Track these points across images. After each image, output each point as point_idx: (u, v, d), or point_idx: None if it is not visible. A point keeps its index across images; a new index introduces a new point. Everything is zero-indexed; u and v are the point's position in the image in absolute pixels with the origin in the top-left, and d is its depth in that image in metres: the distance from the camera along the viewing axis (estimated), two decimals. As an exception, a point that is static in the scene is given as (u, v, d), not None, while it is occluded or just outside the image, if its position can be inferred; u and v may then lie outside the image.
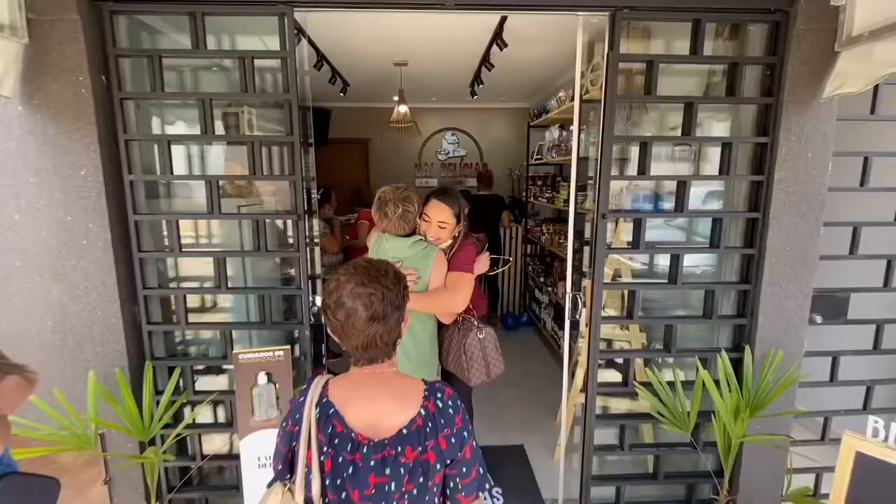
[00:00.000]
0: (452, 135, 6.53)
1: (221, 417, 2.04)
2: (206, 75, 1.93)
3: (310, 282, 1.83)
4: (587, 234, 2.11)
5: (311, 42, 3.36)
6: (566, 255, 3.66)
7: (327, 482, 0.90)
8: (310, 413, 0.92)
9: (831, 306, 1.97)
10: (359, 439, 0.90)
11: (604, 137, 1.79)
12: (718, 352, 1.85)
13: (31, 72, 1.59)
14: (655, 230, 2.11)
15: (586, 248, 2.10)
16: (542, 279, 4.44)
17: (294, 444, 0.93)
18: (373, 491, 0.88)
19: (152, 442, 1.83)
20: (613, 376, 2.12)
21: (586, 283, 2.38)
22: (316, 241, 1.85)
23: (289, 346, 1.76)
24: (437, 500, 0.96)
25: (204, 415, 2.09)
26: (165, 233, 1.85)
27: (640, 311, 1.90)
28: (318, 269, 1.93)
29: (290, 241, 1.85)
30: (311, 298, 1.87)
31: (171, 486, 1.94)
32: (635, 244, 1.89)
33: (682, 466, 2.15)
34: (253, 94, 1.70)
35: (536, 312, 4.73)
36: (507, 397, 3.37)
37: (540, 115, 4.53)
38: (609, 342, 2.38)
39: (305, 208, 1.79)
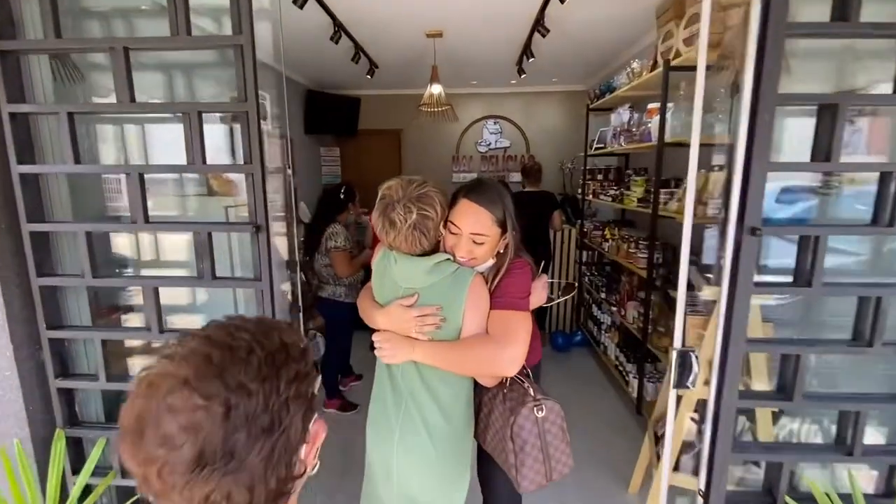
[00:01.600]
0: (495, 123, 5.80)
1: None
2: (143, 23, 1.35)
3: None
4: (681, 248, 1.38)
5: (324, 6, 2.77)
6: (641, 269, 2.89)
7: None
8: None
9: None
10: None
11: (758, 96, 1.05)
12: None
13: None
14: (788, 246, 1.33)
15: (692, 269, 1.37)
16: (602, 294, 3.66)
17: None
18: None
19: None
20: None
21: (692, 323, 1.64)
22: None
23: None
24: None
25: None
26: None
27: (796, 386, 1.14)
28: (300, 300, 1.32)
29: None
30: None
31: None
32: (802, 278, 1.13)
33: None
34: (187, 38, 1.09)
35: (594, 333, 3.95)
36: (560, 450, 2.63)
37: (602, 95, 3.73)
38: (701, 406, 1.64)
39: (283, 215, 1.18)
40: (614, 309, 3.35)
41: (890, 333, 1.12)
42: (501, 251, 1.20)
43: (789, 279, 1.19)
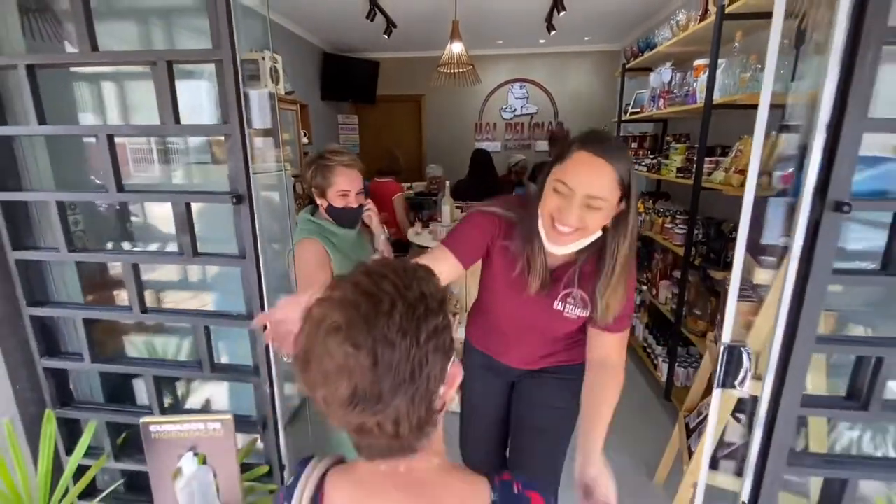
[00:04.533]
0: (521, 87, 5.45)
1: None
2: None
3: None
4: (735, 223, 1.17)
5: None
6: (678, 245, 2.63)
7: None
8: None
9: None
10: None
11: (860, 32, 0.80)
12: None
13: None
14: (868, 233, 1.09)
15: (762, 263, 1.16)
16: (631, 272, 3.43)
17: None
18: None
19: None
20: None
21: (743, 310, 1.44)
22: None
23: (229, 416, 1.05)
24: None
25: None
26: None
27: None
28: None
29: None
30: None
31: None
32: (892, 265, 0.91)
33: None
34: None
35: (620, 312, 3.74)
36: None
37: (641, 52, 3.37)
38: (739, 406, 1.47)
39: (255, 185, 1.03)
40: (644, 288, 3.12)
41: None
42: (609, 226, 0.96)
43: (866, 265, 0.98)
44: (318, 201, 1.45)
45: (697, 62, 2.47)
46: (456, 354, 0.57)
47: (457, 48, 3.22)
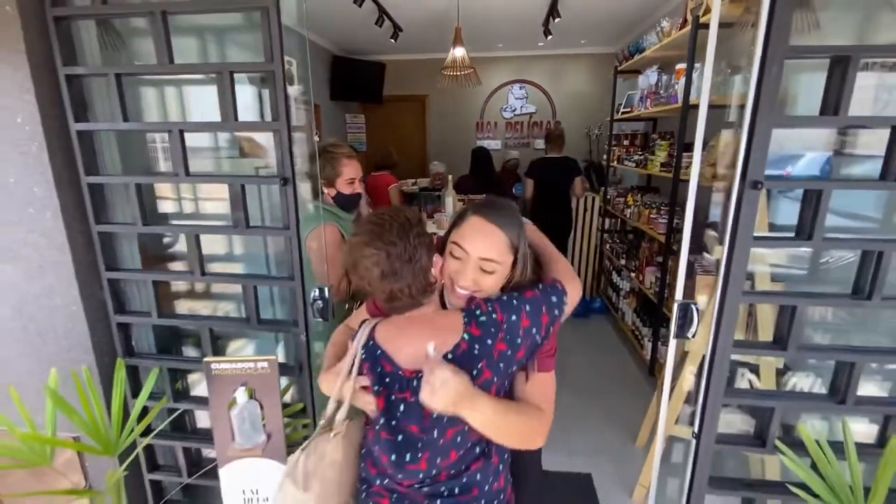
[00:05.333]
0: (520, 88, 5.70)
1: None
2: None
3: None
4: (706, 213, 1.41)
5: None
6: (661, 234, 2.89)
7: (382, 421, 0.92)
8: (355, 351, 0.96)
9: None
10: (407, 375, 0.92)
11: (767, 49, 1.05)
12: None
13: (-56, -18, 1.20)
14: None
15: (709, 234, 1.40)
16: (622, 261, 3.68)
17: None
18: (428, 422, 0.90)
19: (133, 451, 1.52)
20: (732, 420, 1.46)
21: (702, 282, 1.68)
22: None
23: (275, 357, 1.30)
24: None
25: (205, 420, 1.76)
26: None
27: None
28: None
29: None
30: (316, 290, 1.40)
31: (163, 499, 1.64)
32: (804, 232, 1.16)
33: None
34: (217, 1, 1.17)
35: (613, 300, 3.98)
36: (572, 406, 2.75)
37: (631, 56, 3.62)
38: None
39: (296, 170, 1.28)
40: (633, 275, 3.37)
41: (889, 289, 1.15)
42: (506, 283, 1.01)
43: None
44: (326, 190, 1.71)
45: (679, 66, 2.71)
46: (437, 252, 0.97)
47: (459, 52, 3.47)
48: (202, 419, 1.75)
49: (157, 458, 1.68)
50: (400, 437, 0.91)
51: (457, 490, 0.91)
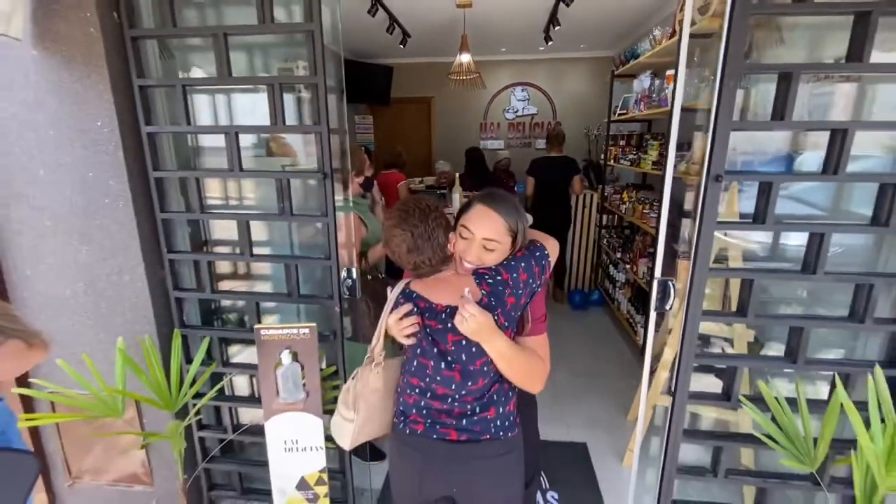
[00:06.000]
0: (522, 90, 5.93)
1: (258, 390, 1.92)
2: (231, 12, 1.67)
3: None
4: (687, 205, 1.64)
5: (363, -18, 3.02)
6: (653, 227, 3.13)
7: (418, 341, 1.17)
8: (392, 298, 1.21)
9: None
10: (438, 308, 1.16)
11: (725, 66, 1.28)
12: (870, 366, 1.33)
13: (40, 10, 1.44)
14: (782, 202, 1.57)
15: (685, 222, 1.63)
16: (618, 254, 3.90)
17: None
18: (451, 347, 1.13)
19: (186, 411, 1.76)
20: (709, 383, 1.68)
21: (681, 265, 1.91)
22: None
23: (314, 324, 1.54)
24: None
25: (241, 386, 2.00)
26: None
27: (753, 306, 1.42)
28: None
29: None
30: (345, 270, 1.63)
31: (209, 455, 1.87)
32: (759, 218, 1.39)
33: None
34: (272, 25, 1.41)
35: (609, 291, 4.21)
36: (570, 386, 2.99)
37: (627, 61, 3.84)
38: (701, 338, 1.91)
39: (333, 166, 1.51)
40: (628, 267, 3.60)
41: (831, 266, 1.38)
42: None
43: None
44: (356, 179, 2.05)
45: (669, 72, 2.94)
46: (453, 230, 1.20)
47: (465, 58, 3.70)
48: (240, 387, 1.99)
49: (203, 419, 1.92)
50: (435, 350, 1.14)
51: (478, 409, 1.14)
